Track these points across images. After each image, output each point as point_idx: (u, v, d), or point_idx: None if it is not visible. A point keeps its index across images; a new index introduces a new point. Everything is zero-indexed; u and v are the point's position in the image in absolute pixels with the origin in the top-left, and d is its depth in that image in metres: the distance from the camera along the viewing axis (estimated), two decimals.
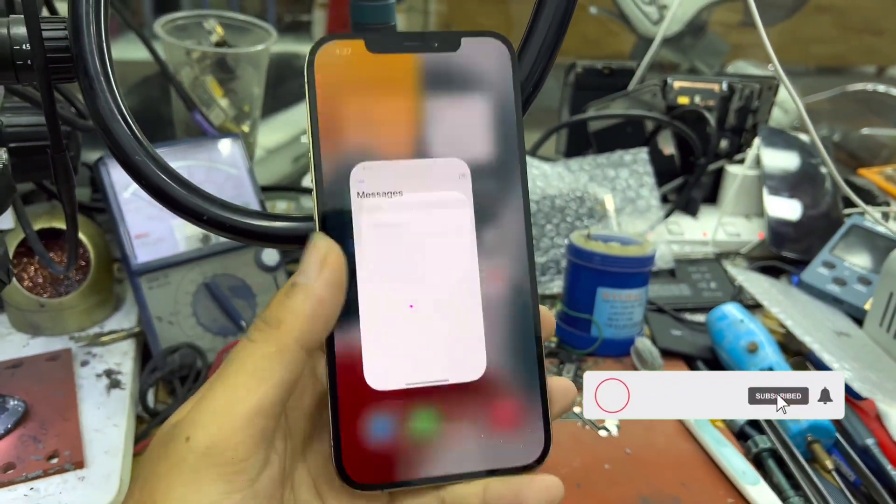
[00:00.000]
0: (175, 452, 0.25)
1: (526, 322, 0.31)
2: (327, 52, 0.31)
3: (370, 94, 0.31)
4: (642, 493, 0.54)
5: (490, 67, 0.32)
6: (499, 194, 0.31)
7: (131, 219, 0.65)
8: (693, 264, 0.89)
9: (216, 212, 0.41)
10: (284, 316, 0.27)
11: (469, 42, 0.32)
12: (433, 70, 0.31)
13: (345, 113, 0.31)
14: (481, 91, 0.32)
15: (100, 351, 0.64)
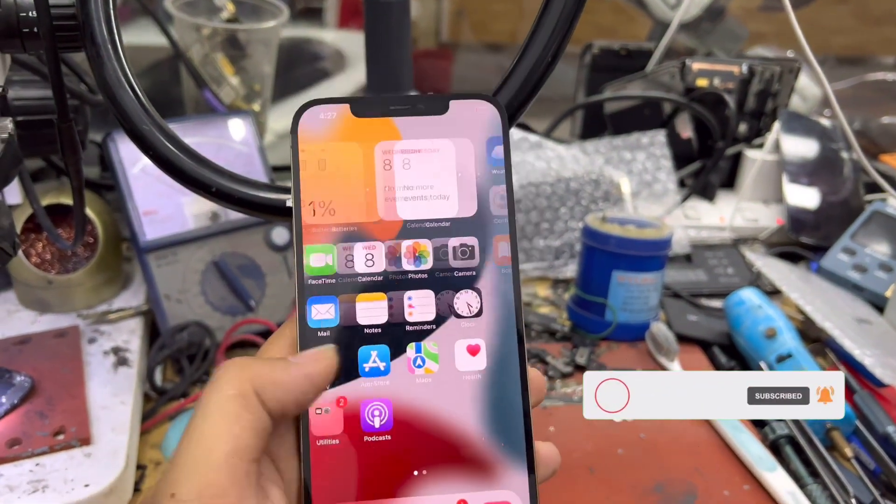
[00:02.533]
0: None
1: (514, 396, 0.30)
2: (312, 117, 0.31)
3: (352, 159, 0.31)
4: (656, 478, 0.53)
5: (479, 131, 0.31)
6: (484, 265, 0.31)
7: (139, 195, 0.64)
8: (710, 250, 0.87)
9: (225, 184, 0.40)
10: (254, 368, 0.27)
11: (458, 105, 0.31)
12: (419, 134, 0.31)
13: (326, 180, 0.30)
14: (469, 156, 0.31)
15: (107, 328, 0.63)
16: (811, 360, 0.61)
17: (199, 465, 0.25)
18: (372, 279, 0.30)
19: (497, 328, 0.30)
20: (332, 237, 0.30)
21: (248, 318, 0.66)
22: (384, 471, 0.29)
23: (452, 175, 0.31)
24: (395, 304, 0.30)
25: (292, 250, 0.31)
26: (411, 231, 0.30)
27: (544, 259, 0.84)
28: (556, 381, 0.64)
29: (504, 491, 0.29)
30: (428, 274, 0.30)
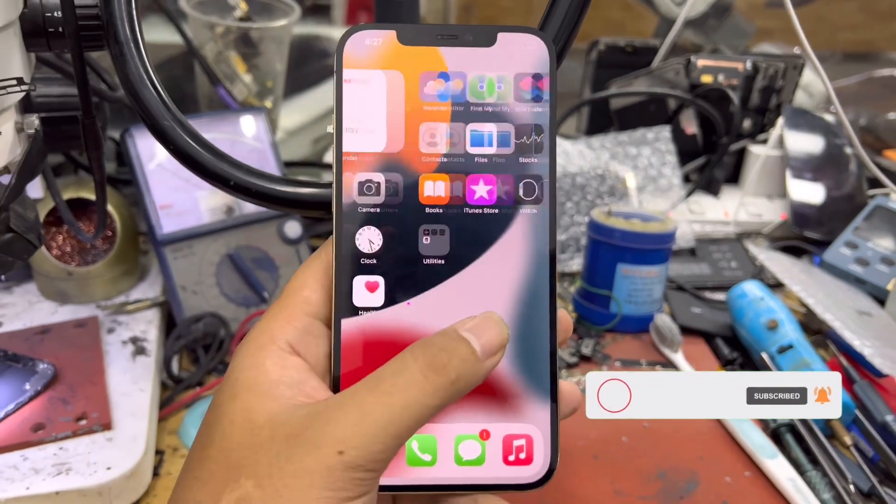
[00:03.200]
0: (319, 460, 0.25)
1: (542, 333, 0.30)
2: (358, 41, 0.31)
3: (396, 86, 0.30)
4: (660, 466, 0.54)
5: (527, 65, 0.31)
6: (525, 195, 0.31)
7: (157, 190, 0.66)
8: (714, 244, 0.89)
9: (243, 177, 0.42)
10: (461, 376, 0.27)
11: (505, 38, 0.31)
12: (465, 66, 0.31)
13: (369, 106, 0.30)
14: (516, 91, 0.31)
15: (126, 319, 0.65)
16: (812, 352, 0.63)
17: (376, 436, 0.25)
18: (477, 212, 0.30)
19: (532, 260, 0.30)
20: (372, 165, 0.30)
21: (262, 310, 0.67)
22: None
23: (498, 111, 0.31)
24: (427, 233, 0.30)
25: (332, 176, 0.31)
26: (450, 164, 0.30)
27: None
28: (562, 371, 0.66)
29: (526, 424, 0.30)
30: (458, 209, 0.30)
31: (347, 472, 0.25)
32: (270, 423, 0.26)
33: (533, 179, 0.31)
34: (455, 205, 0.30)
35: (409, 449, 0.30)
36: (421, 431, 0.28)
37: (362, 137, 0.30)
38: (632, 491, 0.52)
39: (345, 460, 0.25)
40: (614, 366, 0.67)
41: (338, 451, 0.25)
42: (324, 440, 0.25)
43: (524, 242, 0.30)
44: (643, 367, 0.67)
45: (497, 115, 0.30)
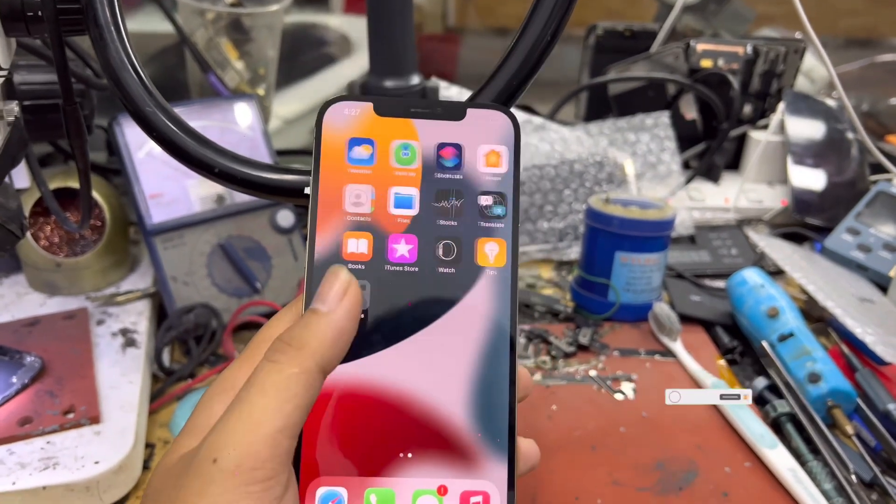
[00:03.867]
0: (200, 475, 0.25)
1: (501, 390, 0.31)
2: (337, 111, 0.33)
3: (383, 152, 0.33)
4: (658, 456, 0.54)
5: (492, 140, 0.33)
6: (487, 258, 0.32)
7: (146, 179, 0.64)
8: (714, 231, 0.88)
9: (228, 164, 0.41)
10: (308, 340, 0.27)
11: (475, 113, 0.33)
12: (434, 138, 0.33)
13: (344, 171, 0.32)
14: (480, 161, 0.33)
15: (115, 310, 0.64)
16: (813, 339, 0.61)
17: (245, 436, 0.25)
18: (398, 270, 0.32)
19: (492, 318, 0.31)
20: (344, 225, 0.32)
21: (255, 300, 0.66)
22: (371, 451, 0.30)
23: (463, 183, 0.33)
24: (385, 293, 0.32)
25: (306, 233, 0.32)
26: (415, 226, 0.32)
27: (548, 241, 0.85)
28: (559, 360, 0.65)
29: (483, 481, 0.30)
30: (419, 267, 0.32)
31: (228, 482, 0.25)
32: (183, 459, 0.27)
33: (495, 242, 0.32)
34: (415, 263, 0.32)
35: (366, 502, 0.30)
36: (380, 485, 0.29)
37: (345, 196, 0.32)
38: (630, 482, 0.51)
39: (220, 468, 0.25)
40: (612, 355, 0.66)
41: (212, 459, 0.25)
42: (201, 455, 0.25)
43: (485, 302, 0.31)
44: (642, 357, 0.66)
45: (462, 183, 0.32)
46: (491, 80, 0.39)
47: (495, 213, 0.32)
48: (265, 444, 0.25)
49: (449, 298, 0.31)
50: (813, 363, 0.59)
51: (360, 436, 0.30)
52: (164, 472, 0.28)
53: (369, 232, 0.32)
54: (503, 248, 0.32)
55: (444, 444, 0.30)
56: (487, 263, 0.32)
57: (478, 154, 0.33)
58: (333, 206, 0.32)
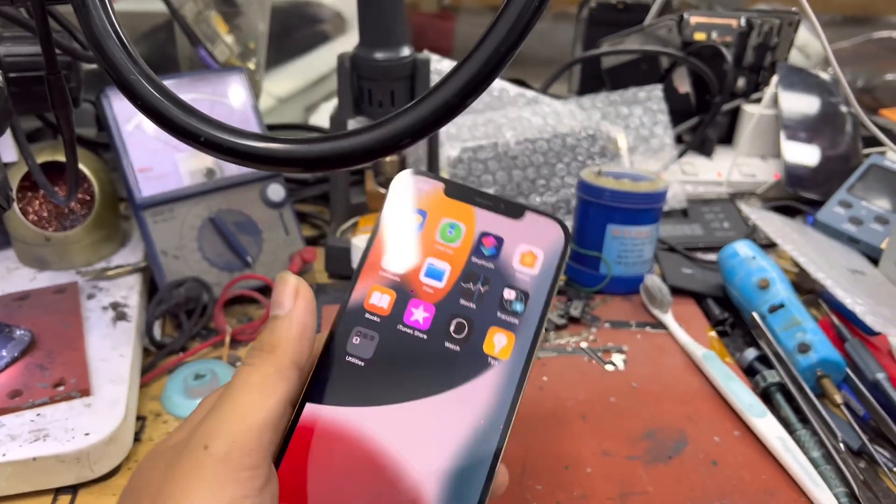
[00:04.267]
0: (191, 460, 0.27)
1: (476, 482, 0.31)
2: (411, 181, 0.37)
3: (432, 226, 0.36)
4: (648, 426, 0.54)
5: (533, 242, 0.35)
6: (496, 348, 0.34)
7: (134, 152, 0.64)
8: (706, 204, 0.87)
9: (214, 133, 0.41)
10: (277, 342, 0.31)
11: (532, 216, 0.36)
12: (483, 226, 0.36)
13: (401, 235, 0.36)
14: (522, 260, 0.35)
15: (106, 285, 0.64)
16: (803, 310, 0.62)
17: (233, 426, 0.28)
18: (408, 332, 0.34)
19: (490, 411, 0.32)
20: (377, 279, 0.35)
21: (246, 274, 0.66)
22: (338, 496, 0.31)
23: (505, 277, 0.35)
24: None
25: (351, 281, 0.35)
26: (440, 299, 0.35)
27: None
28: (551, 332, 0.65)
29: None
30: (428, 336, 0.34)
31: (218, 469, 0.27)
32: (175, 447, 0.29)
33: (505, 335, 0.34)
34: (426, 332, 0.34)
35: None
36: None
37: (387, 255, 0.35)
38: (620, 451, 0.51)
39: (211, 454, 0.27)
40: (604, 327, 0.66)
41: (203, 446, 0.28)
42: (192, 443, 0.28)
43: (482, 390, 0.33)
44: (633, 329, 0.66)
45: (492, 272, 0.35)
46: (478, 48, 0.39)
47: (514, 308, 0.34)
48: (252, 435, 0.28)
49: (449, 376, 0.33)
50: (803, 333, 0.59)
51: (331, 479, 0.31)
52: (157, 455, 0.30)
53: (395, 291, 0.34)
54: (511, 341, 0.33)
55: None
56: (492, 353, 0.33)
57: (515, 251, 0.35)
58: (375, 262, 0.35)
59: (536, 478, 0.48)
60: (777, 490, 0.48)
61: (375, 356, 0.33)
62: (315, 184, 0.89)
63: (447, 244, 0.36)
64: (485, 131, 0.85)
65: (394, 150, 0.42)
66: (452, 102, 0.39)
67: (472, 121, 0.86)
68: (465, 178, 0.83)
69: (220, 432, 0.28)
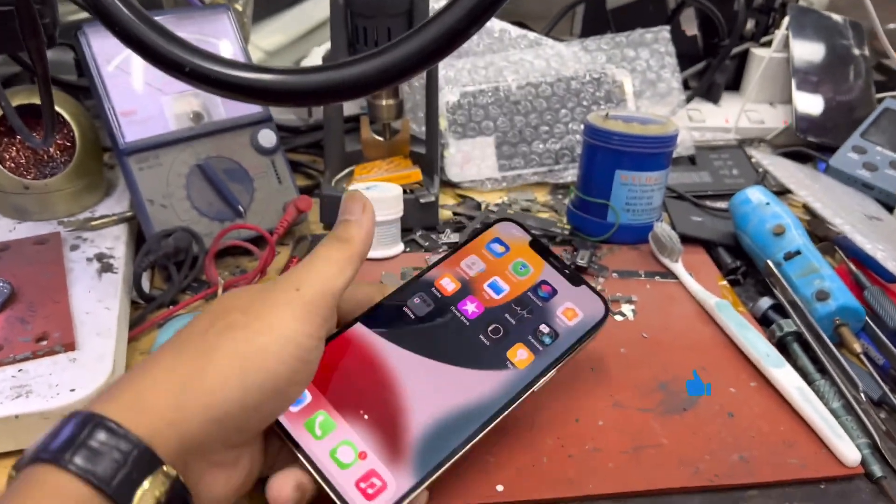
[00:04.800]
0: (283, 293, 0.36)
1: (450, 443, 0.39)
2: (507, 227, 0.48)
3: (510, 258, 0.47)
4: (660, 377, 0.52)
5: (578, 305, 0.45)
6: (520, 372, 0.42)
7: (116, 95, 0.60)
8: (714, 151, 0.84)
9: (200, 63, 0.37)
10: (350, 237, 0.40)
11: (586, 289, 0.46)
12: (546, 276, 0.46)
13: (480, 249, 0.48)
14: (564, 314, 0.45)
15: (91, 235, 0.61)
16: (820, 257, 0.59)
17: (322, 281, 0.37)
18: (456, 314, 0.44)
19: (481, 398, 0.41)
20: (452, 272, 0.46)
21: (237, 224, 0.63)
22: (348, 392, 0.40)
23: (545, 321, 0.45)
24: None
25: (431, 263, 0.47)
26: (491, 305, 0.45)
27: (543, 164, 0.81)
28: None
29: (393, 477, 0.37)
30: (470, 325, 0.44)
31: (305, 307, 0.36)
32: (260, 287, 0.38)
33: (527, 351, 0.43)
34: (469, 321, 0.44)
35: (312, 419, 0.39)
36: (332, 415, 0.39)
37: (467, 259, 0.47)
38: (632, 403, 0.49)
39: (301, 295, 0.36)
40: (612, 277, 0.64)
41: (295, 288, 0.36)
42: (286, 283, 0.37)
43: (492, 384, 0.41)
44: (642, 279, 0.64)
45: (538, 308, 0.45)
46: None
47: (543, 339, 0.43)
48: (331, 293, 0.37)
49: (471, 358, 0.42)
50: (821, 281, 0.57)
51: (348, 377, 0.40)
52: (240, 290, 0.37)
53: (461, 283, 0.45)
54: (530, 359, 0.42)
55: (392, 433, 0.38)
56: (513, 359, 0.42)
57: (562, 303, 0.45)
58: (457, 261, 0.46)
59: (547, 431, 0.46)
60: (796, 442, 0.46)
61: (424, 317, 0.44)
62: (308, 131, 0.85)
63: (514, 274, 0.46)
64: (485, 75, 0.81)
65: (396, 79, 0.38)
66: (459, 27, 0.36)
67: (472, 64, 0.82)
68: (465, 124, 0.80)
69: (311, 282, 0.37)
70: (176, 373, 0.33)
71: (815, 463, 0.45)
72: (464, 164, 0.79)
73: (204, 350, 0.34)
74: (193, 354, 0.34)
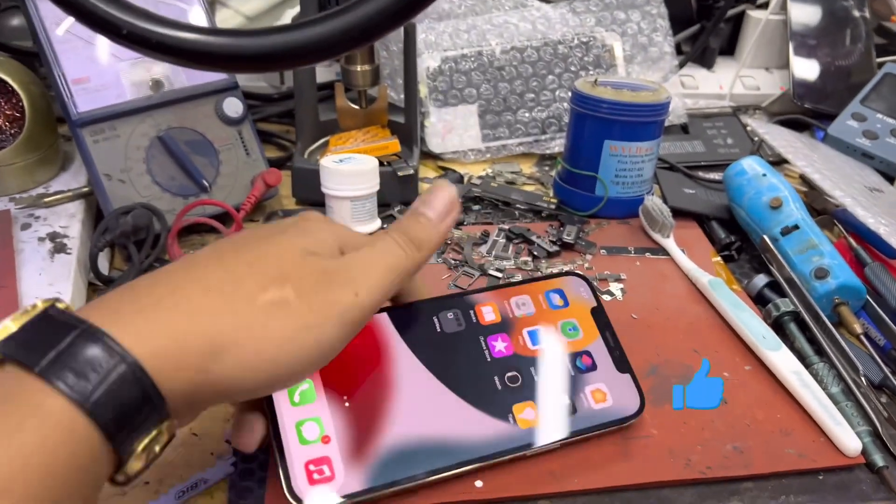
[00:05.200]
0: (342, 295, 0.32)
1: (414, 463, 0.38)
2: (575, 282, 0.46)
3: (563, 315, 0.44)
4: (651, 361, 0.49)
5: (616, 398, 0.42)
6: (520, 431, 0.40)
7: (67, 61, 0.56)
8: (708, 119, 0.81)
9: (139, 24, 0.33)
10: (424, 243, 0.36)
11: (629, 379, 0.43)
12: (590, 347, 0.43)
13: (538, 294, 0.45)
14: (595, 397, 0.42)
15: (44, 213, 0.57)
16: (819, 232, 0.56)
17: (377, 290, 0.34)
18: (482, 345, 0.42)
19: (461, 448, 0.38)
20: (497, 304, 0.43)
21: (202, 200, 0.59)
22: (338, 371, 0.38)
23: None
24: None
25: (482, 289, 0.44)
26: (519, 352, 0.42)
27: (529, 133, 0.78)
28: (542, 261, 0.59)
29: (345, 469, 0.35)
30: (490, 360, 0.41)
31: (357, 310, 0.33)
32: (315, 256, 0.33)
33: (533, 410, 0.40)
34: (491, 358, 0.41)
35: (300, 384, 0.37)
36: (316, 387, 0.37)
37: (517, 298, 0.44)
38: None
39: (358, 301, 0.33)
40: (599, 254, 0.60)
41: (354, 292, 0.33)
42: (344, 276, 0.33)
43: (487, 431, 0.38)
44: (631, 255, 0.61)
45: (573, 377, 0.42)
46: None
47: (558, 409, 0.40)
48: (382, 299, 0.34)
49: (476, 395, 0.39)
50: (820, 257, 0.54)
51: (349, 360, 0.38)
52: (291, 256, 0.32)
53: (502, 318, 0.43)
54: (535, 422, 0.39)
55: (365, 431, 0.37)
56: (517, 414, 0.39)
57: (596, 383, 0.42)
58: (508, 294, 0.44)
59: None
60: (793, 430, 0.44)
61: (450, 335, 0.41)
62: (280, 100, 0.81)
63: (560, 332, 0.43)
64: (467, 39, 0.77)
65: (360, 41, 0.35)
66: None
67: (453, 27, 0.77)
68: (446, 91, 0.75)
69: (371, 291, 0.33)
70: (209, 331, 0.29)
71: (814, 453, 0.42)
72: (445, 134, 0.75)
73: (249, 321, 0.30)
74: (233, 318, 0.29)
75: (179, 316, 0.29)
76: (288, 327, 0.30)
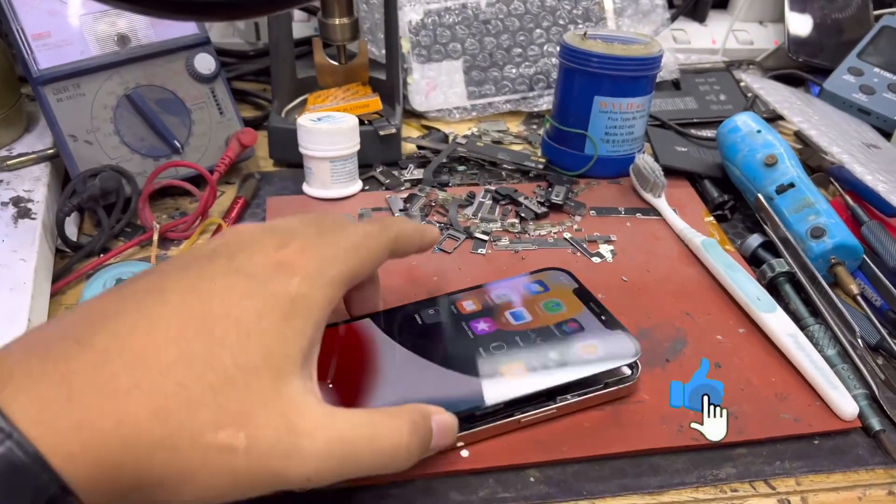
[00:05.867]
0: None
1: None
2: (560, 273, 0.47)
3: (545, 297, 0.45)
4: (641, 324, 0.47)
5: (608, 348, 0.40)
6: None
7: (25, 14, 0.53)
8: (700, 75, 0.78)
9: None
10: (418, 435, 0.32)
11: (622, 334, 0.42)
12: (578, 317, 0.42)
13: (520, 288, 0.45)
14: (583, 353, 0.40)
15: (6, 176, 0.54)
16: (815, 190, 0.54)
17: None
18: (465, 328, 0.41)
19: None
20: (482, 301, 0.44)
21: (174, 161, 0.57)
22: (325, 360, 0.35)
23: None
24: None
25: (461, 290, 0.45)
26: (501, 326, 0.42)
27: (516, 90, 0.75)
28: (530, 223, 0.57)
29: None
30: (473, 338, 0.41)
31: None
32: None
33: (526, 367, 0.39)
34: (474, 335, 0.41)
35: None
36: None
37: (499, 288, 0.45)
38: None
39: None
40: (589, 215, 0.59)
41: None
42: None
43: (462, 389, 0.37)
44: (622, 216, 0.59)
45: (555, 340, 0.41)
46: None
47: (547, 363, 0.39)
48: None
49: (462, 364, 0.38)
50: (816, 216, 0.52)
51: (328, 356, 0.37)
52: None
53: (483, 306, 0.43)
54: (525, 372, 0.38)
55: (348, 404, 0.35)
56: (503, 372, 0.38)
57: (585, 340, 0.41)
58: (488, 290, 0.44)
59: None
60: (789, 394, 0.42)
61: (431, 324, 0.41)
62: (256, 56, 0.78)
63: (543, 309, 0.43)
64: None
65: None
66: None
67: None
68: (430, 46, 0.73)
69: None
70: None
71: (809, 417, 0.41)
72: (429, 91, 0.73)
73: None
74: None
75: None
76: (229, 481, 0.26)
